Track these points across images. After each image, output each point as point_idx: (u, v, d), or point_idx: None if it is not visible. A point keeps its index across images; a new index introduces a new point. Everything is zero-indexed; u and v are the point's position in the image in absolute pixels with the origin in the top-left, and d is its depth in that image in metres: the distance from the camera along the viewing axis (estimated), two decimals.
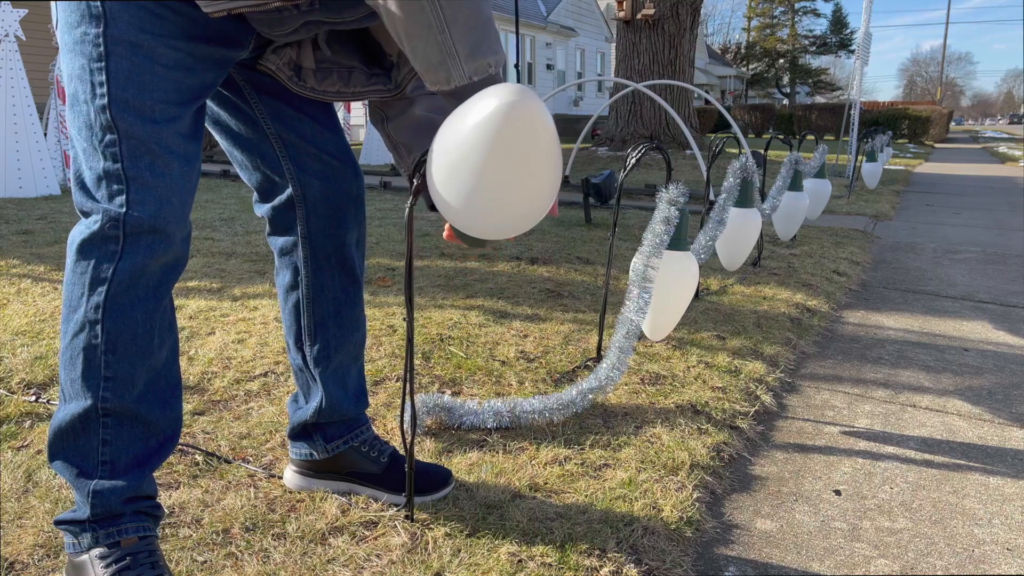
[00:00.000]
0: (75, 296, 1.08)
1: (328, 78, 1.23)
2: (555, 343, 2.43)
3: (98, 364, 1.08)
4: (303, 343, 1.42)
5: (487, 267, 3.52)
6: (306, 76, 1.23)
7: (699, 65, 30.86)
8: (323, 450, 1.46)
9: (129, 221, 1.05)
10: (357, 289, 1.44)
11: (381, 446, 1.49)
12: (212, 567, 1.24)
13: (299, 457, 1.49)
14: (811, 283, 3.44)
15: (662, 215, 2.02)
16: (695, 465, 1.65)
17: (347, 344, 1.43)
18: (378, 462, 1.47)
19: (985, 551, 1.41)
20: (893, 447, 1.85)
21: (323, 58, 1.23)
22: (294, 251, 1.38)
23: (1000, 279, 3.83)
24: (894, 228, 5.51)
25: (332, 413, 1.44)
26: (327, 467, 1.47)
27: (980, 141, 24.73)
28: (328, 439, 1.46)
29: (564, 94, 21.40)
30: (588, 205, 5.08)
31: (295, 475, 1.50)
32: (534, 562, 1.27)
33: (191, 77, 1.10)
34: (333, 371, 1.42)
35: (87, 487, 1.10)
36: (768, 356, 2.42)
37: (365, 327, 1.48)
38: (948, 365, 2.48)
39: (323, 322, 1.40)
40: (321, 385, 1.43)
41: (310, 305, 1.40)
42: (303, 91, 1.24)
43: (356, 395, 1.48)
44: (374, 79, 1.25)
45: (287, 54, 1.21)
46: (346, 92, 1.25)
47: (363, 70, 1.24)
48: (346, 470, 1.47)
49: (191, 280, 3.14)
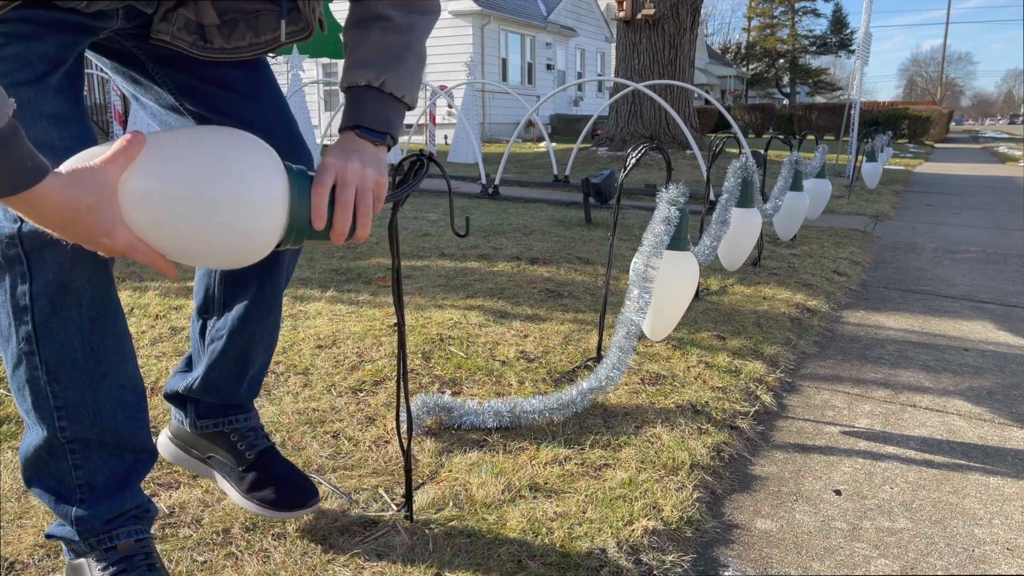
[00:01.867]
0: (3, 325, 0.99)
1: (236, 30, 1.08)
2: (555, 343, 2.43)
3: (45, 395, 1.00)
4: (207, 314, 1.30)
5: (487, 267, 3.52)
6: (211, 35, 1.07)
7: (699, 65, 30.87)
8: (192, 424, 1.35)
9: (26, 237, 0.93)
10: (277, 278, 1.27)
11: (254, 440, 1.35)
12: (212, 567, 1.24)
13: (175, 422, 1.39)
14: (811, 283, 3.44)
15: (662, 215, 2.02)
16: (695, 465, 1.65)
17: (252, 331, 1.28)
18: (242, 457, 1.33)
19: (985, 551, 1.41)
20: (893, 447, 1.85)
21: (225, 8, 1.06)
22: None
23: (1000, 279, 3.83)
24: (894, 228, 5.51)
25: (208, 393, 1.31)
26: (192, 443, 1.37)
27: (980, 141, 24.72)
28: (200, 415, 1.34)
29: (564, 94, 21.39)
30: (588, 205, 5.08)
31: (166, 440, 1.41)
32: (534, 562, 1.27)
33: (37, 46, 0.93)
34: (228, 357, 1.28)
35: (69, 514, 1.06)
36: (768, 356, 2.42)
37: (278, 318, 1.32)
38: (948, 365, 2.48)
39: (231, 302, 1.26)
40: (206, 365, 1.29)
41: (222, 282, 1.27)
42: (212, 55, 1.09)
43: (250, 384, 1.34)
44: (288, 18, 1.10)
45: (181, 16, 1.05)
46: (259, 43, 1.10)
47: (271, 9, 1.09)
48: (207, 454, 1.36)
49: (190, 280, 3.14)
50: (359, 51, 1.06)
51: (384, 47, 1.07)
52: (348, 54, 1.08)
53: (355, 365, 2.17)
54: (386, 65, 1.06)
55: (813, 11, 48.64)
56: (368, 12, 1.07)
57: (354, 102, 1.07)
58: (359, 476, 1.55)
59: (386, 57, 1.06)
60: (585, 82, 10.07)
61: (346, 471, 1.57)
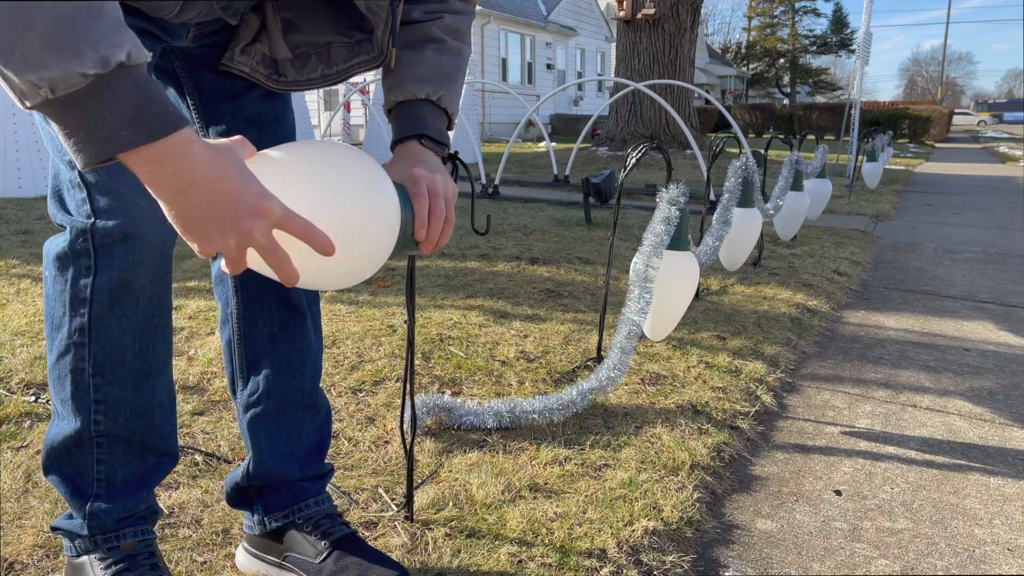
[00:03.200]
0: (57, 314, 1.00)
1: (308, 63, 1.09)
2: (555, 343, 2.43)
3: (87, 387, 1.01)
4: (236, 387, 1.21)
5: (487, 267, 3.52)
6: (284, 69, 1.09)
7: (699, 65, 30.87)
8: (260, 523, 1.22)
9: (97, 232, 0.95)
10: (300, 322, 1.20)
11: (328, 527, 1.21)
12: (212, 567, 1.24)
13: (247, 530, 1.25)
14: (811, 283, 3.44)
15: (662, 215, 2.02)
16: (695, 465, 1.65)
17: (286, 389, 1.19)
18: (317, 548, 1.19)
19: (986, 551, 1.41)
20: (893, 447, 1.85)
21: (297, 42, 1.08)
22: (224, 280, 1.18)
23: (1000, 279, 3.83)
24: (894, 228, 5.51)
25: (265, 476, 1.20)
26: (266, 547, 1.23)
27: (980, 141, 24.73)
28: (268, 509, 1.22)
29: (564, 94, 21.39)
30: (588, 205, 5.08)
31: (243, 554, 1.26)
32: (534, 562, 1.27)
33: None
34: (267, 422, 1.19)
35: (83, 508, 1.06)
36: (768, 356, 2.42)
37: (316, 370, 1.22)
38: (948, 365, 2.48)
39: (256, 362, 1.18)
40: (250, 439, 1.20)
41: (242, 343, 1.19)
42: (286, 87, 1.11)
43: (307, 455, 1.22)
44: (356, 49, 1.09)
45: (258, 50, 1.07)
46: (331, 74, 1.10)
47: (343, 42, 1.09)
48: (283, 555, 1.21)
49: (191, 280, 3.14)
50: (416, 68, 1.10)
51: (439, 66, 1.11)
52: (401, 70, 1.10)
53: (355, 365, 2.17)
54: (441, 83, 1.10)
55: (813, 11, 48.67)
56: (424, 34, 1.11)
57: (413, 113, 1.09)
58: (359, 476, 1.55)
59: (440, 76, 1.10)
60: (585, 82, 10.06)
61: (346, 471, 1.57)
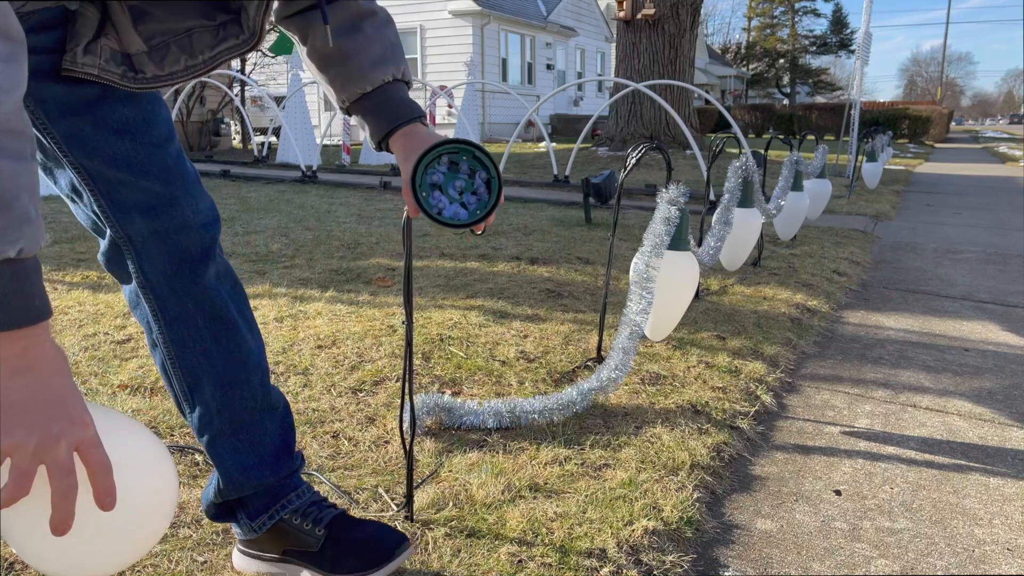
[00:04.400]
0: None
1: (168, 54, 0.95)
2: (555, 343, 2.43)
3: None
4: (183, 409, 1.15)
5: (487, 267, 3.52)
6: (141, 64, 0.94)
7: (699, 65, 30.85)
8: (250, 529, 1.21)
9: None
10: (234, 331, 1.13)
11: (318, 513, 1.21)
12: (212, 567, 1.24)
13: (238, 535, 1.25)
14: (811, 283, 3.44)
15: (662, 215, 2.02)
16: (695, 465, 1.65)
17: (236, 403, 1.14)
18: (313, 535, 1.20)
19: (985, 551, 1.41)
20: (893, 447, 1.85)
21: (152, 31, 0.93)
22: (139, 301, 1.09)
23: (1000, 279, 3.83)
24: (894, 228, 5.51)
25: (239, 489, 1.17)
26: (262, 547, 1.22)
27: (980, 141, 24.72)
28: (252, 515, 1.20)
29: (564, 94, 21.39)
30: (588, 205, 5.08)
31: (240, 555, 1.26)
32: (534, 562, 1.27)
33: None
34: (227, 439, 1.15)
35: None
36: (768, 356, 2.42)
37: (262, 372, 1.18)
38: (948, 365, 2.48)
39: (196, 383, 1.12)
40: (214, 458, 1.16)
41: (175, 365, 1.11)
42: (146, 85, 0.96)
43: (274, 458, 1.19)
44: (223, 33, 0.98)
45: (105, 47, 0.91)
46: (195, 64, 0.97)
47: (206, 25, 0.96)
48: (282, 549, 1.21)
49: None
50: (369, 51, 1.04)
51: (387, 41, 1.06)
52: (354, 58, 1.03)
53: (355, 365, 2.17)
54: (397, 57, 1.06)
55: (813, 11, 48.67)
56: (355, 10, 1.04)
57: (393, 98, 1.05)
58: (359, 476, 1.55)
59: (393, 50, 1.06)
60: (585, 82, 10.06)
61: (346, 471, 1.57)
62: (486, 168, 0.98)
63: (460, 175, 0.99)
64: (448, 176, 0.99)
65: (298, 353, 2.25)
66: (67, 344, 2.29)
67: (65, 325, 2.50)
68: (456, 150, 0.98)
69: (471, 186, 0.99)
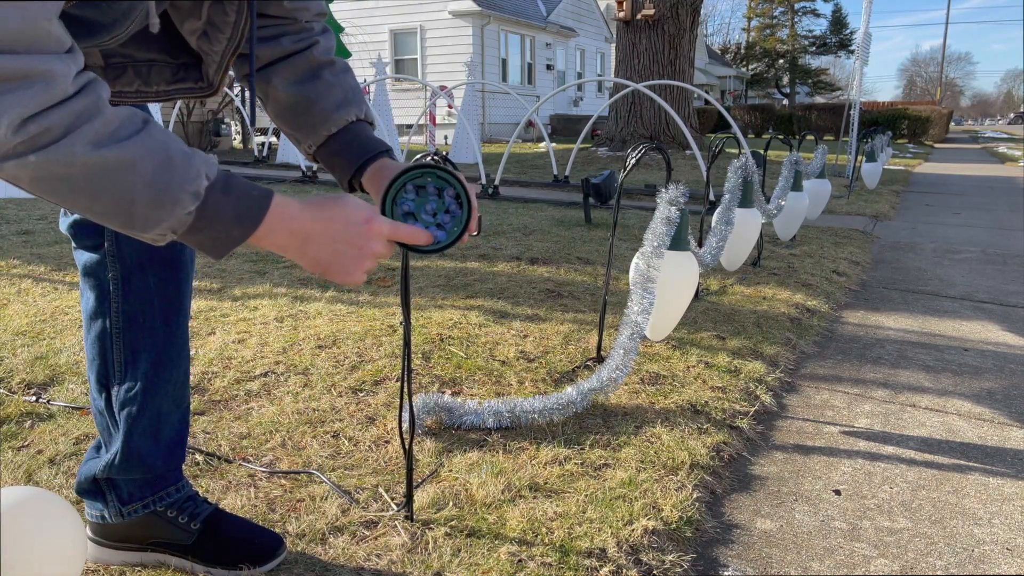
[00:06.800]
0: None
1: (123, 76, 0.98)
2: (555, 343, 2.43)
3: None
4: (109, 382, 1.18)
5: (487, 267, 3.52)
6: None
7: (699, 65, 30.85)
8: (117, 513, 1.21)
9: None
10: (181, 316, 1.20)
11: (194, 509, 1.25)
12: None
13: (92, 519, 1.24)
14: (811, 283, 3.44)
15: (662, 215, 2.02)
16: (695, 465, 1.65)
17: (165, 384, 1.19)
18: (188, 529, 1.23)
19: (985, 551, 1.41)
20: (893, 447, 1.85)
21: (112, 51, 0.96)
22: (99, 270, 1.14)
23: (1000, 279, 3.83)
24: (894, 228, 5.51)
25: (131, 468, 1.20)
26: (123, 534, 1.23)
27: (980, 141, 24.73)
28: (125, 500, 1.21)
29: (564, 94, 21.39)
30: (588, 205, 5.09)
31: (93, 546, 1.25)
32: (534, 562, 1.27)
33: None
34: (146, 418, 1.19)
35: None
36: (768, 356, 2.42)
37: (188, 361, 1.24)
38: (948, 365, 2.48)
39: (135, 358, 1.17)
40: (123, 434, 1.18)
41: (120, 336, 1.15)
42: None
43: (170, 447, 1.22)
44: (182, 74, 1.01)
45: None
46: (148, 92, 1.01)
47: (168, 62, 1.00)
48: (149, 539, 1.23)
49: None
50: (330, 97, 1.08)
51: (348, 86, 1.10)
52: (317, 106, 1.07)
53: (355, 365, 2.17)
54: (359, 100, 1.10)
55: (813, 11, 48.63)
56: (311, 63, 1.08)
57: (359, 136, 1.08)
58: (359, 476, 1.55)
59: (354, 94, 1.10)
60: (585, 82, 10.06)
61: (346, 471, 1.57)
62: (451, 184, 0.98)
63: (430, 197, 0.99)
64: (418, 202, 0.98)
65: (298, 353, 2.25)
66: (67, 344, 2.30)
67: (65, 325, 2.51)
68: (419, 175, 0.98)
69: (443, 206, 0.99)
